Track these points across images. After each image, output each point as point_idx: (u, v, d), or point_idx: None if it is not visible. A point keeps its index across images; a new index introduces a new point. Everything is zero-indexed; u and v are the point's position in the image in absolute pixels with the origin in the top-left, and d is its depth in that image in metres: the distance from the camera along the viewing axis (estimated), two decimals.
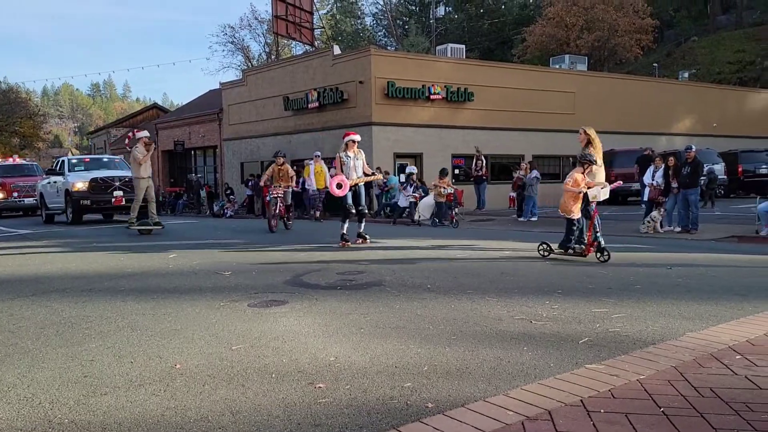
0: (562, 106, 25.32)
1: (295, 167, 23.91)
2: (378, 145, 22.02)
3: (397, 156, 22.21)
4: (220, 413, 3.06)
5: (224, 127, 30.15)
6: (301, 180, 19.89)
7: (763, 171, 22.51)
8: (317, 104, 23.88)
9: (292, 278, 6.89)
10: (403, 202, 18.23)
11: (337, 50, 25.29)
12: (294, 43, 48.93)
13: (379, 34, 61.20)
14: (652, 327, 4.55)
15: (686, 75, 37.53)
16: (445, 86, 22.88)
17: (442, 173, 16.62)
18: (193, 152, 34.36)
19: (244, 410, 3.09)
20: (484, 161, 21.05)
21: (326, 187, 15.92)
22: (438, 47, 30.49)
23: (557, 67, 29.60)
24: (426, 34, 50.71)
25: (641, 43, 41.36)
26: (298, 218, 19.10)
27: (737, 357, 3.77)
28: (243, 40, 66.63)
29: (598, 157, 8.39)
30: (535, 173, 16.90)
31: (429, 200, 18.37)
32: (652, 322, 4.70)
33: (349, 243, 10.11)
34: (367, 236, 10.50)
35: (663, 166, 12.84)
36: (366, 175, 10.52)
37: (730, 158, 23.21)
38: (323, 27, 44.86)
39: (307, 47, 34.71)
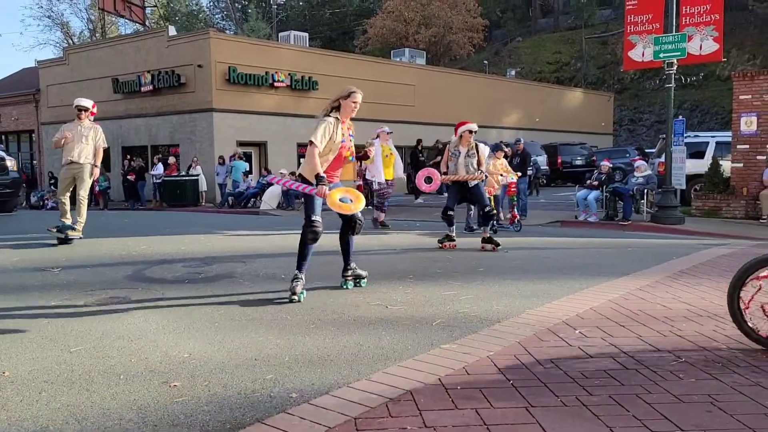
0: (403, 98, 26.17)
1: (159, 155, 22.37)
2: (220, 132, 21.27)
3: (240, 144, 21.60)
4: (63, 422, 2.78)
5: (42, 110, 27.31)
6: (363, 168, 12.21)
7: (578, 162, 25.00)
8: (151, 88, 22.48)
9: (134, 273, 6.44)
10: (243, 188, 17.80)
11: (172, 31, 23.96)
12: (123, 21, 45.53)
13: (217, 16, 59.01)
14: (497, 306, 4.87)
15: (513, 73, 40.53)
16: (289, 74, 22.64)
17: (497, 148, 11.17)
18: (3, 137, 30.70)
19: (91, 416, 2.84)
20: None
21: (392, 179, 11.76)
22: (280, 34, 30.01)
23: (398, 60, 30.53)
24: (267, 20, 49.74)
25: (473, 41, 43.93)
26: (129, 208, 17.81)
27: (571, 330, 4.15)
28: (62, 14, 60.81)
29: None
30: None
31: (276, 189, 18.15)
32: (496, 301, 5.03)
33: (447, 245, 8.24)
34: (499, 244, 8.15)
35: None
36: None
37: (550, 150, 25.48)
38: (155, 6, 42.25)
39: (138, 26, 32.49)
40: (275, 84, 22.31)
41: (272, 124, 22.38)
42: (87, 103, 8.91)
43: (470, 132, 8.18)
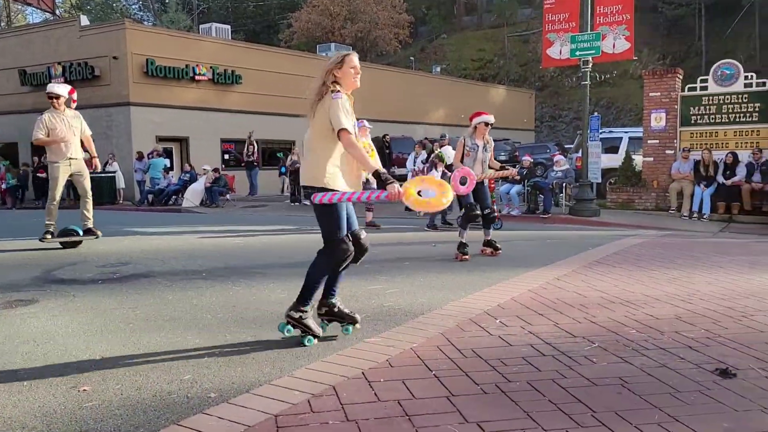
0: None
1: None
2: (138, 127, 20.46)
3: (161, 139, 20.87)
4: None
5: None
6: None
7: (501, 158, 25.56)
8: (62, 80, 21.31)
9: (42, 274, 6.10)
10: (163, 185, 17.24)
11: (84, 20, 22.84)
12: (30, 9, 43.07)
13: (134, 6, 56.70)
14: (421, 299, 4.91)
15: (438, 69, 41.05)
16: (211, 67, 22.02)
17: None
18: None
19: None
20: (256, 146, 20.81)
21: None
22: (201, 26, 29.18)
23: (324, 54, 30.29)
24: (187, 12, 48.29)
25: (399, 37, 44.19)
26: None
27: (492, 320, 4.24)
28: None
29: None
30: None
31: (198, 186, 17.68)
32: (421, 294, 5.08)
33: (468, 257, 7.03)
34: (499, 247, 7.46)
35: (423, 152, 13.91)
36: (494, 170, 7.65)
37: None
38: None
39: (47, 15, 30.83)
40: (196, 77, 21.65)
41: (194, 118, 21.72)
42: (60, 89, 7.82)
43: (486, 124, 7.27)
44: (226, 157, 22.90)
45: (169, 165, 20.07)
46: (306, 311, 3.74)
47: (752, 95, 12.83)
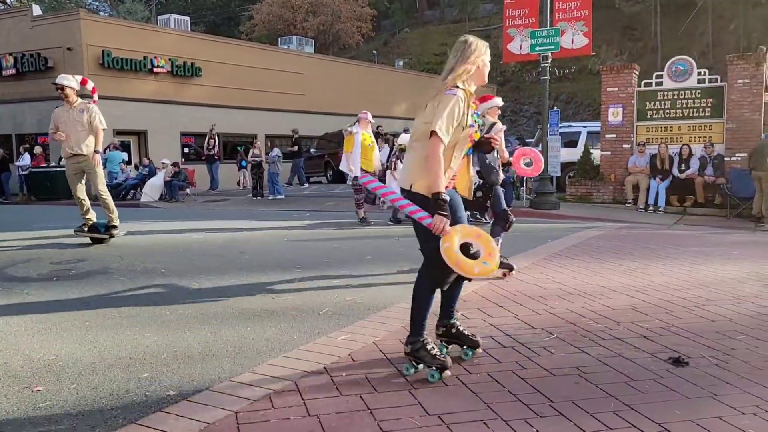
0: (292, 86, 25.78)
1: None
2: None
3: (118, 133, 20.39)
4: None
5: None
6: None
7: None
8: (14, 71, 20.67)
9: None
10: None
11: (37, 10, 22.14)
12: None
13: None
14: (383, 293, 4.92)
15: (401, 63, 41.10)
16: (170, 59, 21.60)
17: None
18: None
19: None
20: (217, 140, 20.52)
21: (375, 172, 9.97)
22: (159, 17, 28.58)
23: (286, 47, 30.02)
24: (145, 3, 47.22)
25: (362, 31, 44.06)
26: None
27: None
28: None
29: None
30: (276, 151, 17.00)
31: (157, 180, 17.36)
32: (383, 288, 5.09)
33: (513, 272, 5.64)
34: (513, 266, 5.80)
35: (386, 146, 13.90)
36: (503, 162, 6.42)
37: None
38: None
39: None
40: (155, 69, 21.21)
41: (152, 111, 21.28)
42: (66, 80, 7.27)
43: (498, 108, 6.36)
44: (186, 150, 22.53)
45: (126, 159, 19.64)
46: (421, 341, 3.11)
47: (705, 91, 13.20)
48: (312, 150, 23.84)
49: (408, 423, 2.58)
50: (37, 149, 19.63)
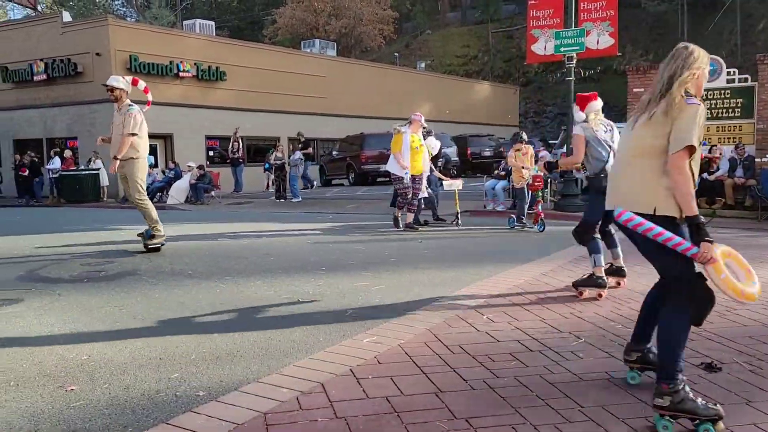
0: (314, 89, 25.92)
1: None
2: None
3: None
4: None
5: None
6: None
7: (486, 153, 25.69)
8: (45, 77, 21.09)
9: (27, 273, 6.03)
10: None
11: (67, 17, 22.59)
12: (11, 5, 42.46)
13: (117, 3, 56.15)
14: (407, 295, 4.92)
15: (423, 65, 41.06)
16: (195, 64, 21.88)
17: (517, 138, 10.30)
18: None
19: None
20: (241, 143, 20.71)
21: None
22: (185, 22, 28.96)
23: (308, 51, 30.20)
24: (170, 8, 47.87)
25: (384, 33, 44.15)
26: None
27: (479, 315, 4.26)
28: None
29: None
30: (298, 154, 17.09)
31: (183, 183, 17.57)
32: (408, 291, 5.09)
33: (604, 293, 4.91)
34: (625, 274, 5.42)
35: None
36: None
37: (460, 142, 26.02)
38: None
39: (29, 11, 30.39)
40: (180, 74, 21.50)
41: (178, 115, 21.56)
42: (115, 81, 7.11)
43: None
44: (211, 153, 22.78)
45: (153, 162, 19.90)
46: (677, 389, 2.58)
47: (734, 91, 12.98)
48: (334, 152, 23.92)
49: (435, 427, 2.58)
50: (67, 153, 20.00)
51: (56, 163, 19.77)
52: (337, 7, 42.40)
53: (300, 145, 17.64)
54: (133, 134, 7.03)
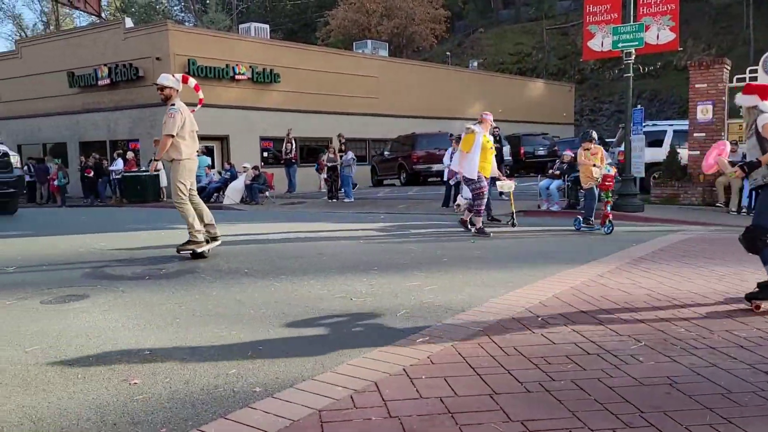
0: (366, 90, 26.08)
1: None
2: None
3: (201, 138, 21.17)
4: (17, 423, 2.69)
5: None
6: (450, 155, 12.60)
7: (540, 152, 25.28)
8: (108, 81, 21.95)
9: (92, 271, 6.28)
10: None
11: (129, 23, 23.43)
12: (77, 13, 44.35)
13: (176, 8, 57.93)
14: (460, 296, 4.89)
15: (475, 64, 40.70)
16: (250, 66, 22.35)
17: (586, 137, 10.14)
18: None
19: (47, 416, 2.75)
20: (294, 144, 21.02)
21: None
22: (241, 26, 29.60)
23: (360, 51, 30.40)
24: (227, 12, 49.01)
25: (435, 33, 44.00)
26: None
27: (534, 318, 4.19)
28: (14, 6, 58.81)
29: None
30: (350, 155, 17.22)
31: (238, 184, 17.94)
32: (460, 291, 5.05)
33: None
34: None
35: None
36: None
37: (513, 141, 25.71)
38: None
39: (93, 18, 31.63)
40: (236, 77, 22.00)
41: (234, 117, 22.08)
42: (165, 80, 6.92)
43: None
44: (265, 154, 23.21)
45: (210, 163, 20.44)
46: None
47: None
48: (386, 153, 24.01)
49: (490, 429, 2.55)
50: (129, 154, 20.74)
51: (119, 164, 20.52)
52: (389, 8, 42.51)
53: (342, 147, 17.70)
54: (171, 135, 6.79)
